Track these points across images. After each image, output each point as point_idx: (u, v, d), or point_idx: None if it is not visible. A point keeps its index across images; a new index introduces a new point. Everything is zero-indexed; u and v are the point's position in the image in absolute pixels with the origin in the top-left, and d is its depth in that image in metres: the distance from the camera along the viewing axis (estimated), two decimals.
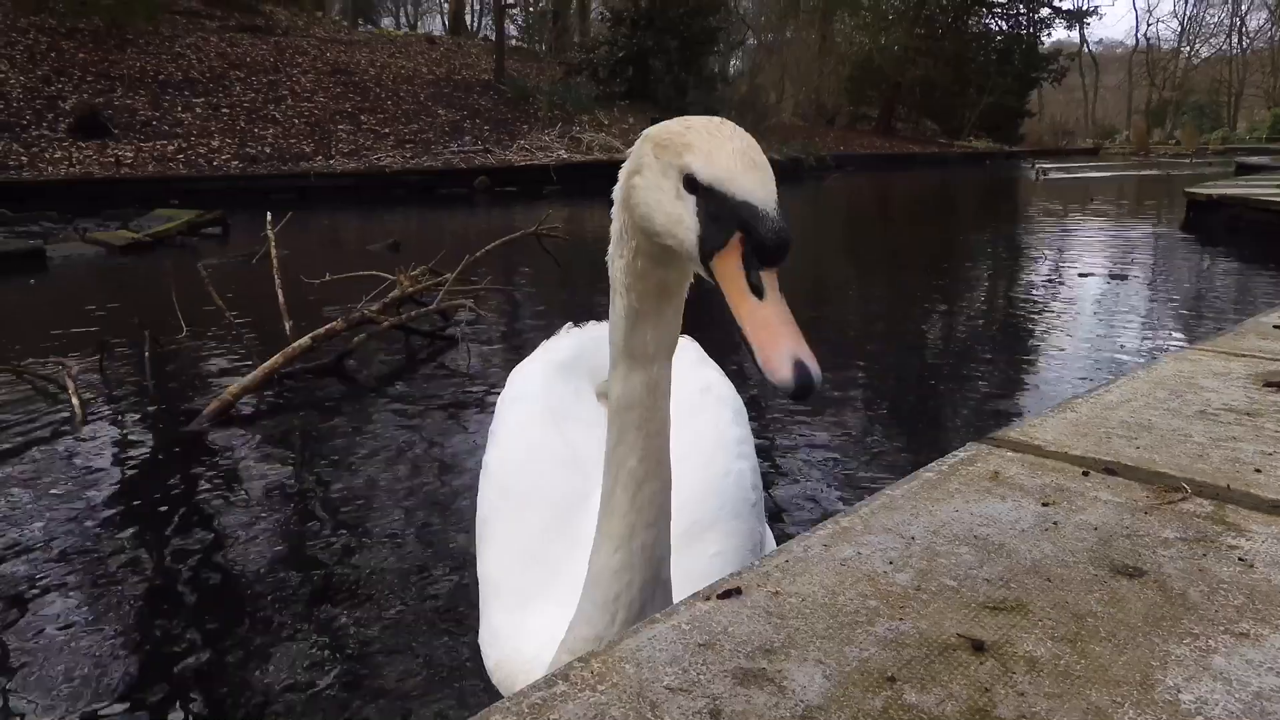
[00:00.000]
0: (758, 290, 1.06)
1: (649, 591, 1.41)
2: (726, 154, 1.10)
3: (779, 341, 1.03)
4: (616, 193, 1.31)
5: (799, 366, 1.01)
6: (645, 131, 1.26)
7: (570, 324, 2.78)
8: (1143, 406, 2.32)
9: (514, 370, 2.57)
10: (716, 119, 1.18)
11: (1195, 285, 9.06)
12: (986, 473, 1.85)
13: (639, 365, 1.35)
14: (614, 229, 1.34)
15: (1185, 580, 1.40)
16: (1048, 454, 1.96)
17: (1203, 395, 2.41)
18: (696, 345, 2.57)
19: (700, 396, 2.19)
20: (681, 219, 1.14)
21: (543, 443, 2.08)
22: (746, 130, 1.20)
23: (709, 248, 1.11)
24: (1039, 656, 1.20)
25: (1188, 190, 13.95)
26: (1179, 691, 1.12)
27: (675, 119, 1.22)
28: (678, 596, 1.65)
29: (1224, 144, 52.03)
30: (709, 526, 1.86)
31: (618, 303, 1.35)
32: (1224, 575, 1.41)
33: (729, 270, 1.08)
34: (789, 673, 1.17)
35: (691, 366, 2.31)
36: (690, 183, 1.13)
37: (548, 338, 2.72)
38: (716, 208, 1.10)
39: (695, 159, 1.12)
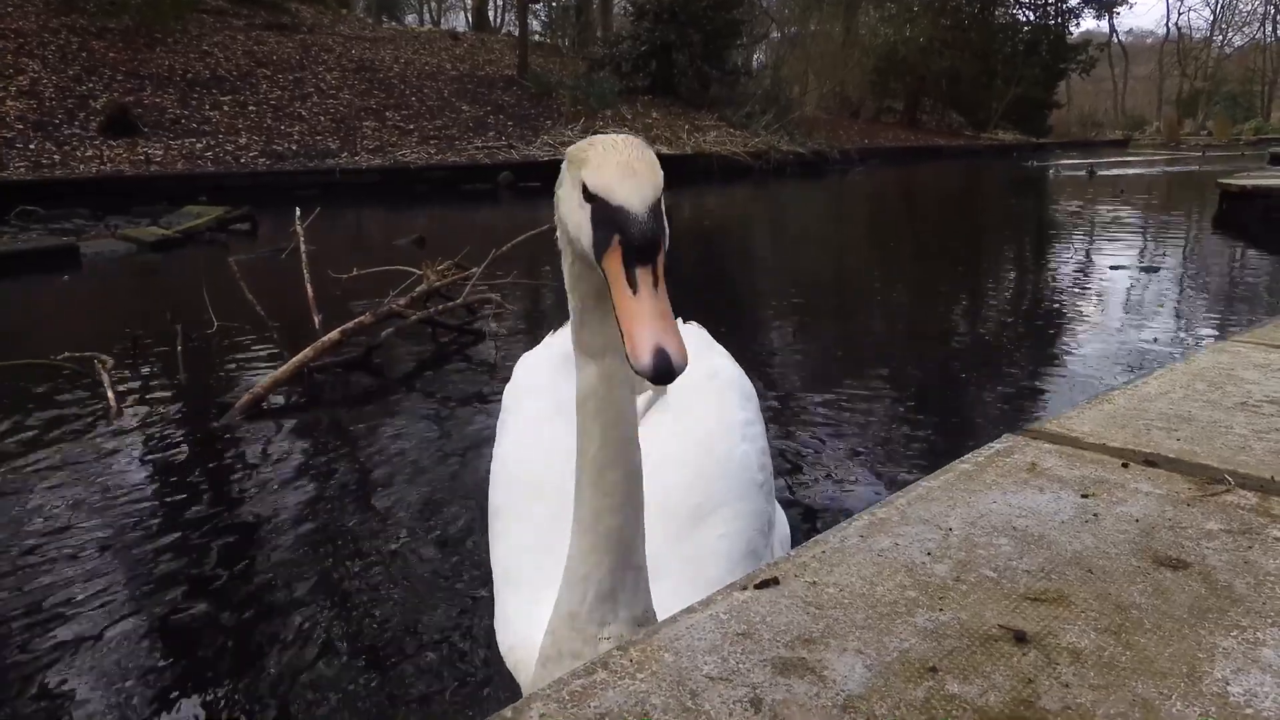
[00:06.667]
0: (633, 285, 1.17)
1: (619, 574, 1.47)
2: (610, 165, 1.23)
3: (643, 331, 1.13)
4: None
5: (659, 353, 1.10)
6: (567, 149, 1.36)
7: None
8: (1182, 398, 2.28)
9: (519, 361, 2.59)
10: (621, 136, 1.30)
11: (1229, 277, 8.92)
12: (1024, 464, 1.83)
13: (591, 358, 1.44)
14: (558, 235, 1.44)
15: (1231, 572, 1.38)
16: (1086, 445, 1.94)
17: (1243, 387, 2.38)
18: (704, 331, 2.60)
19: (706, 382, 2.23)
20: (582, 225, 1.26)
21: (549, 435, 2.11)
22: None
23: (599, 250, 1.22)
24: (1083, 648, 1.18)
25: (1221, 181, 13.71)
26: (1227, 684, 1.11)
27: (588, 137, 1.34)
28: (684, 576, 1.72)
29: (1257, 134, 51.06)
30: (714, 508, 1.90)
31: (570, 301, 1.45)
32: (1271, 568, 1.39)
33: (612, 268, 1.20)
34: (829, 662, 1.16)
35: (697, 353, 2.32)
36: (586, 192, 1.24)
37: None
38: (601, 213, 1.22)
39: (587, 171, 1.24)
